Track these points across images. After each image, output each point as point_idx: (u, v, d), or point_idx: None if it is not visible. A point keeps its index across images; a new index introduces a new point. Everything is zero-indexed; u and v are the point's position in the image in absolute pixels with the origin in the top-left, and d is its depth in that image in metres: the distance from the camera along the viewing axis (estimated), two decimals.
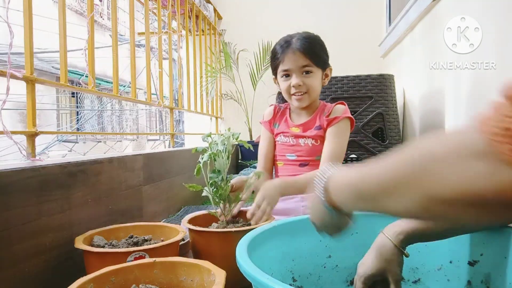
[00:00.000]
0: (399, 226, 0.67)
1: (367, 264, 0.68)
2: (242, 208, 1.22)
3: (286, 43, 1.26)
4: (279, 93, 1.46)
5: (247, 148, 1.22)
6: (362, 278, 0.68)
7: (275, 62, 1.30)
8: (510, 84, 0.37)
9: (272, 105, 1.45)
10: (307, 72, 1.24)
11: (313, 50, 1.24)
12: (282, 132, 1.35)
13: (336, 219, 0.60)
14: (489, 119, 0.36)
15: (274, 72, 1.33)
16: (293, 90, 1.25)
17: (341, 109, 1.29)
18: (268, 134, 1.40)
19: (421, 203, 0.40)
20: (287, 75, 1.26)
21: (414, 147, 0.43)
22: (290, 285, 0.73)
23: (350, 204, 0.55)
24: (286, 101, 1.44)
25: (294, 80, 1.24)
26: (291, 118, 1.37)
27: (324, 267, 0.84)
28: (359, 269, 0.69)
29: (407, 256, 0.67)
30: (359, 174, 0.52)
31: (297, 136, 1.32)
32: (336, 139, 1.24)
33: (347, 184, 0.54)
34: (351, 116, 1.29)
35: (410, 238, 0.66)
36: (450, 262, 0.80)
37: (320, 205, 0.59)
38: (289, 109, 1.40)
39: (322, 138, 1.29)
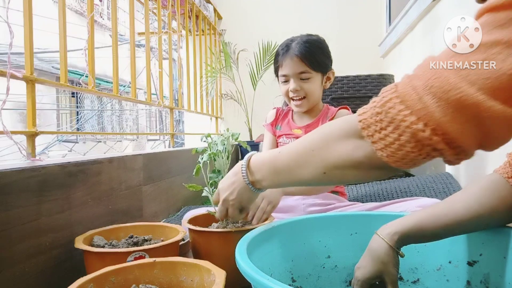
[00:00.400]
0: (393, 226, 0.67)
1: (363, 268, 0.68)
2: None
3: (286, 47, 1.26)
4: None
5: (246, 148, 1.22)
6: (360, 282, 0.68)
7: (276, 65, 1.31)
8: (388, 87, 0.54)
9: (275, 108, 1.46)
10: (304, 78, 1.24)
11: (311, 55, 1.23)
12: (285, 134, 1.36)
13: (255, 197, 0.80)
14: (363, 110, 0.54)
15: (276, 75, 1.35)
16: (291, 95, 1.27)
17: (345, 113, 1.29)
18: (270, 136, 1.42)
19: (321, 169, 0.58)
20: (286, 80, 1.27)
21: (316, 130, 0.62)
22: (290, 285, 0.73)
23: (269, 179, 0.69)
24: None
25: (291, 85, 1.25)
26: (293, 120, 1.38)
27: (323, 267, 0.84)
28: (356, 273, 0.69)
29: (402, 256, 0.67)
30: (274, 153, 0.68)
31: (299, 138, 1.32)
32: None
33: (265, 162, 0.70)
34: None
35: (405, 238, 0.66)
36: (449, 262, 0.80)
37: (245, 187, 0.74)
38: (292, 111, 1.40)
39: None
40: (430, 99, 0.47)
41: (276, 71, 1.33)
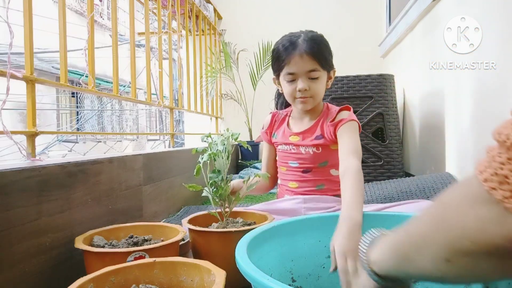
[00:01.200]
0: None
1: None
2: (242, 209, 1.22)
3: (291, 44, 1.18)
4: (279, 95, 1.42)
5: (246, 148, 1.22)
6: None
7: (279, 63, 1.22)
8: (499, 128, 0.37)
9: (271, 112, 1.40)
10: (313, 77, 1.18)
11: (321, 53, 1.18)
12: (283, 143, 1.32)
13: None
14: (483, 165, 0.36)
15: (277, 74, 1.26)
16: (298, 94, 1.20)
17: (347, 114, 1.24)
18: (267, 145, 1.39)
19: (442, 253, 0.39)
20: (293, 79, 1.19)
21: (433, 204, 0.43)
22: (290, 285, 0.73)
23: (391, 268, 0.51)
24: (284, 105, 1.41)
25: (300, 84, 1.17)
26: (289, 127, 1.32)
27: (323, 267, 0.84)
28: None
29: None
30: (394, 235, 0.51)
31: (297, 145, 1.28)
32: (350, 134, 1.17)
33: (387, 247, 0.52)
34: (357, 120, 1.23)
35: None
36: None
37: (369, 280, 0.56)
38: (288, 116, 1.35)
39: (323, 146, 1.25)
40: None
41: (278, 70, 1.23)
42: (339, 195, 1.30)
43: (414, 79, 2.41)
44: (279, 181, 1.40)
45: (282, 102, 1.42)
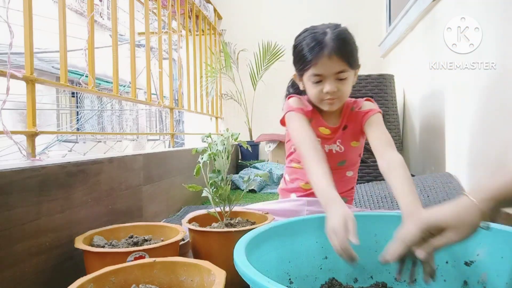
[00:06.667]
0: (489, 191, 0.61)
1: (437, 211, 0.62)
2: (241, 209, 1.22)
3: (318, 44, 1.05)
4: (293, 84, 1.29)
5: (246, 148, 1.22)
6: (424, 225, 0.62)
7: (303, 64, 1.09)
8: None
9: (292, 95, 1.22)
10: (342, 77, 1.08)
11: (350, 52, 1.08)
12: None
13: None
14: None
15: (300, 73, 1.13)
16: (326, 96, 1.09)
17: (372, 105, 1.18)
18: (306, 118, 1.14)
19: None
20: (319, 80, 1.08)
21: None
22: (287, 287, 0.73)
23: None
24: (299, 93, 1.26)
25: (328, 86, 1.07)
26: (321, 116, 1.20)
27: (321, 268, 0.84)
28: (422, 214, 0.64)
29: (487, 229, 0.62)
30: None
31: (323, 140, 1.18)
32: (381, 126, 1.11)
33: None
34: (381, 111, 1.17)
35: (499, 205, 0.60)
36: (446, 262, 0.80)
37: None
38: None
39: (344, 143, 1.19)
40: None
41: (302, 70, 1.10)
42: (345, 197, 1.26)
43: (414, 79, 2.41)
44: (287, 177, 1.33)
45: (294, 91, 1.29)
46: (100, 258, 0.87)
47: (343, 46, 1.06)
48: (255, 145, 3.52)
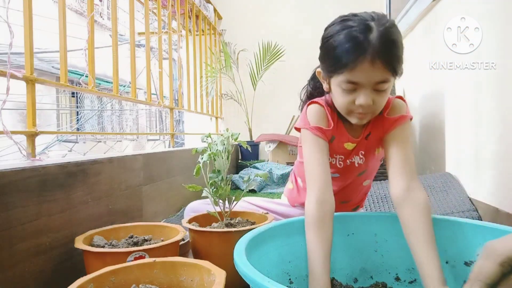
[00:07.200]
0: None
1: (509, 240, 0.54)
2: (241, 209, 1.22)
3: (359, 45, 0.81)
4: (314, 77, 1.09)
5: (246, 148, 1.22)
6: (505, 257, 0.53)
7: (334, 65, 0.85)
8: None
9: (315, 102, 0.97)
10: (381, 89, 0.84)
11: (397, 59, 0.84)
12: (334, 152, 1.00)
13: None
14: None
15: (329, 74, 0.88)
16: (357, 109, 0.86)
17: (403, 106, 0.96)
18: (323, 142, 0.91)
19: None
20: (353, 88, 0.84)
21: None
22: (287, 287, 0.73)
23: None
24: (318, 92, 1.07)
25: (362, 98, 0.83)
26: (346, 129, 0.98)
27: None
28: (497, 245, 0.55)
29: None
30: None
31: (346, 155, 1.01)
32: (406, 140, 0.91)
33: None
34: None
35: None
36: (446, 262, 0.80)
37: None
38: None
39: (368, 152, 1.01)
40: None
41: (332, 72, 0.86)
42: (358, 205, 1.19)
43: (414, 79, 2.41)
44: (300, 183, 1.19)
45: (314, 91, 1.09)
46: (100, 258, 0.87)
47: (392, 50, 0.82)
48: (255, 145, 3.52)
